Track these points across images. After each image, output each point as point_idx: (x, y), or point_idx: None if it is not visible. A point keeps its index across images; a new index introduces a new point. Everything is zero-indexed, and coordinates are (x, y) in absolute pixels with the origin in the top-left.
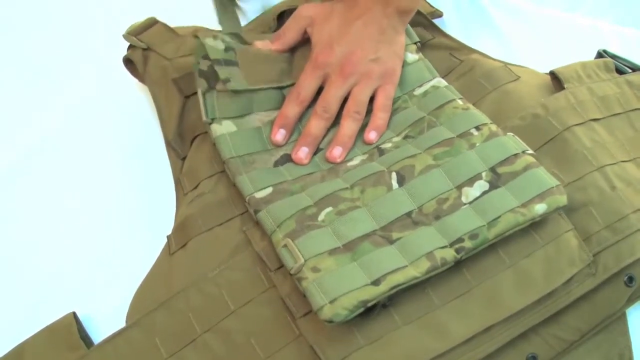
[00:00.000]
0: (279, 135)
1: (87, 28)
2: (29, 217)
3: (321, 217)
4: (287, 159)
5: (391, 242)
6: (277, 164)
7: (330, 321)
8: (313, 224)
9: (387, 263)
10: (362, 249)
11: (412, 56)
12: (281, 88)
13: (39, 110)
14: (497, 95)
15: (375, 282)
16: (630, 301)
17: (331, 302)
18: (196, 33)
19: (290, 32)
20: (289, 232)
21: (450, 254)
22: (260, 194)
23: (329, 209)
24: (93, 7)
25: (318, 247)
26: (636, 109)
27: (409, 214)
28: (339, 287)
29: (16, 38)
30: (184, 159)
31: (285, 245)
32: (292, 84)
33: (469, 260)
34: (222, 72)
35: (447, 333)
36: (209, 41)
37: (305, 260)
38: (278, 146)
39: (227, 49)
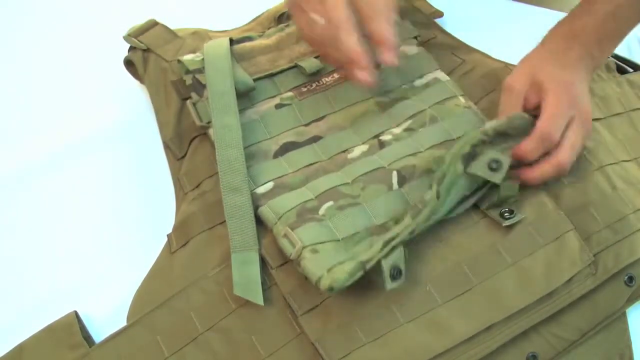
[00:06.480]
0: None
1: (88, 29)
2: (30, 217)
3: (322, 211)
4: (287, 148)
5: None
6: (276, 154)
7: (331, 289)
8: (313, 216)
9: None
10: (358, 240)
11: (412, 49)
12: (272, 75)
13: (39, 111)
14: (498, 96)
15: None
16: (630, 301)
17: (329, 270)
18: (195, 34)
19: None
20: (289, 224)
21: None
22: (261, 190)
23: (330, 203)
24: (94, 9)
25: (317, 237)
26: (637, 109)
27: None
28: (337, 260)
29: (16, 39)
30: (181, 159)
31: (285, 235)
32: (282, 71)
33: (471, 258)
34: (204, 77)
35: (449, 331)
36: (186, 57)
37: (304, 246)
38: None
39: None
